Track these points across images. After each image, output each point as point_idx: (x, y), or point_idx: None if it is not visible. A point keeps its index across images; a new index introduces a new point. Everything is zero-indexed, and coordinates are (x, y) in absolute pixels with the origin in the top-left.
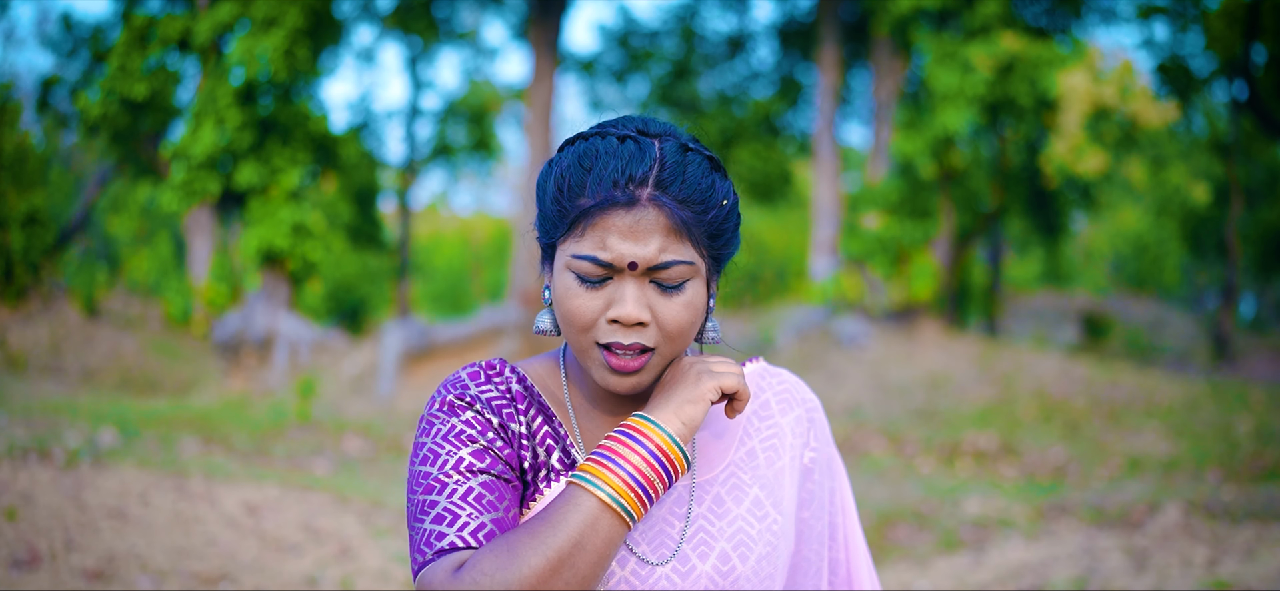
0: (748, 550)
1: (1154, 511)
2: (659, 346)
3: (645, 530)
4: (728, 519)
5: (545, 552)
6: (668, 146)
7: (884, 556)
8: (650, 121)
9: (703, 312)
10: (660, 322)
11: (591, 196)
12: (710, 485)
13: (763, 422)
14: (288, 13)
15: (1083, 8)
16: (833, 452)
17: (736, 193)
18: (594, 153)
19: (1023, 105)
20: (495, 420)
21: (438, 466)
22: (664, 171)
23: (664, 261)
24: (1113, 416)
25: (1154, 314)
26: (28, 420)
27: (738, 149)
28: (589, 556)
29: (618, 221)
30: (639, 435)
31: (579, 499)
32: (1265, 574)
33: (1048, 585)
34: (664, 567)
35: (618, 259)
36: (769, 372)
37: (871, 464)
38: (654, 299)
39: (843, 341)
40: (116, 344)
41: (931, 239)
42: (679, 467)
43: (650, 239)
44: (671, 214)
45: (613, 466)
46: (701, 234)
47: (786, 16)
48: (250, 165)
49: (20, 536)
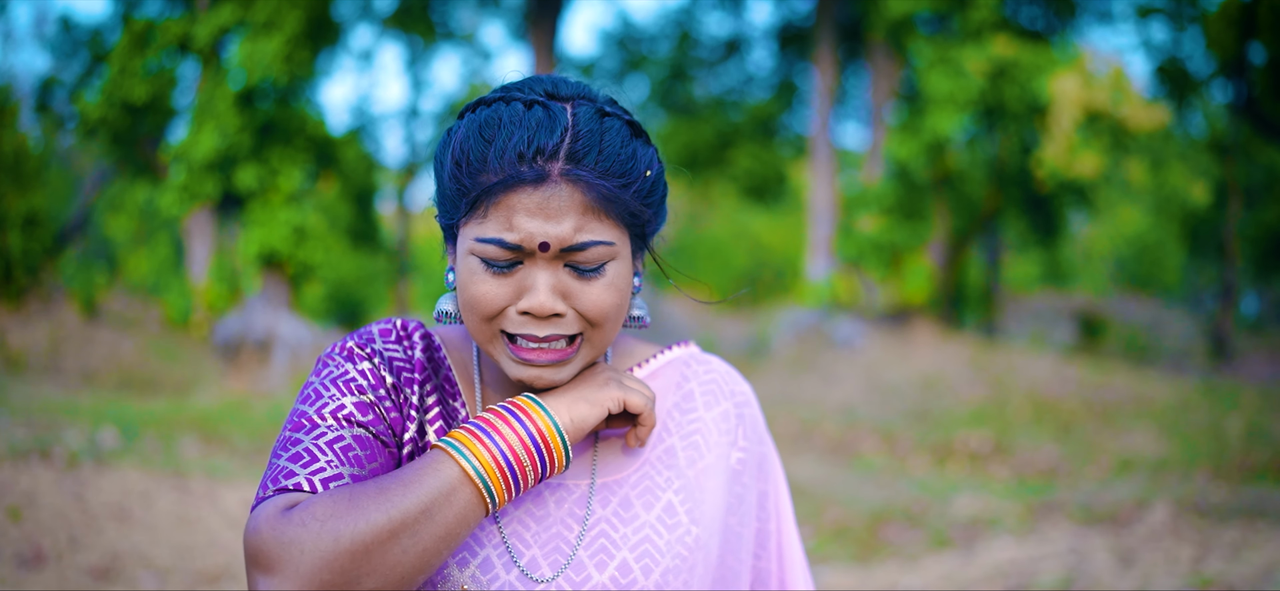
0: (653, 563)
1: (1142, 511)
2: (585, 334)
3: (538, 535)
4: (634, 526)
5: (387, 511)
6: (581, 111)
7: (874, 554)
8: (561, 83)
9: (627, 292)
10: (581, 310)
11: (494, 172)
12: (619, 486)
13: (685, 417)
14: (287, 17)
15: (1079, 10)
16: (766, 451)
17: (661, 159)
18: (496, 121)
19: (1014, 110)
20: (390, 379)
21: (315, 407)
22: (577, 142)
23: (580, 242)
24: (1105, 417)
25: (1154, 314)
26: (28, 421)
27: (734, 150)
28: (436, 528)
29: (525, 199)
30: (521, 414)
31: (440, 464)
32: (1250, 572)
33: (1034, 583)
34: (556, 579)
35: (526, 239)
36: (697, 360)
37: (864, 464)
38: (570, 284)
39: (837, 342)
40: (116, 345)
41: (926, 241)
42: (557, 460)
43: (563, 217)
44: (587, 189)
45: (484, 439)
46: (622, 209)
47: (784, 20)
48: (250, 168)
49: (25, 535)
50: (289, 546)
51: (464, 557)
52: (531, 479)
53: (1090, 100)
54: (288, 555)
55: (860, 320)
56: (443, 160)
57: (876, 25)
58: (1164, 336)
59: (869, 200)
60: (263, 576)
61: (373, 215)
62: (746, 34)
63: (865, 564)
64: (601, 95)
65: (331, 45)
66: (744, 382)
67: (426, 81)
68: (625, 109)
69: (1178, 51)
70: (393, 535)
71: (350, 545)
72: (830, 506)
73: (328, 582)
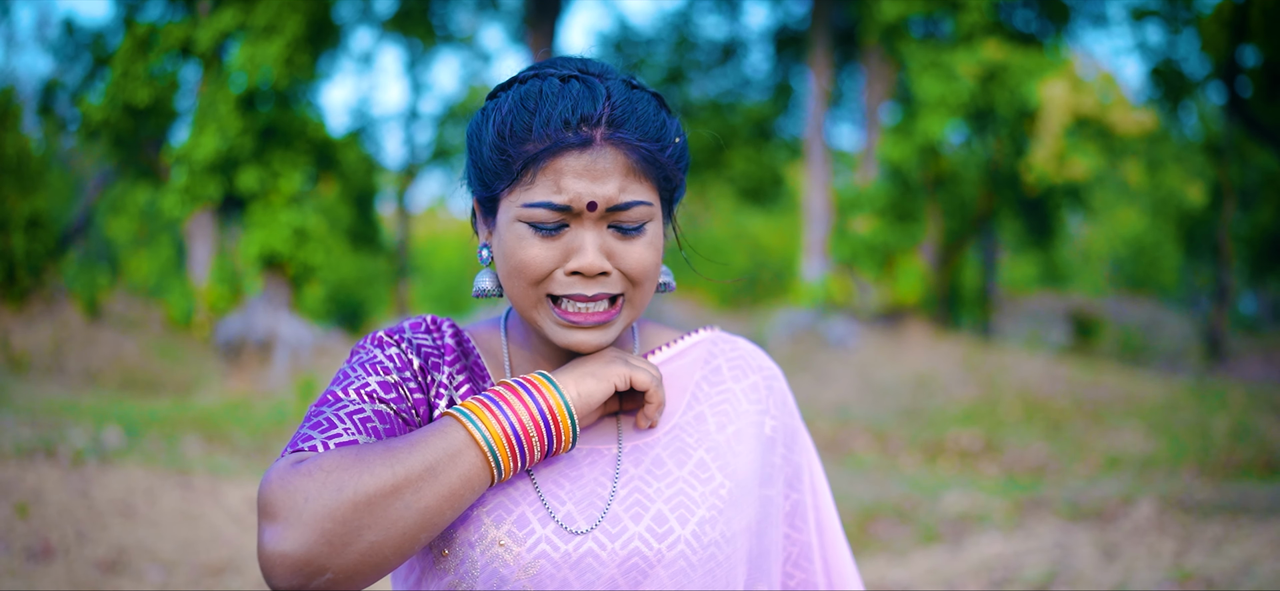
0: (688, 512)
1: (1128, 507)
2: (626, 294)
3: (572, 493)
4: (667, 481)
5: (392, 467)
6: (614, 84)
7: (865, 549)
8: (588, 61)
9: (661, 254)
10: (624, 269)
11: (541, 139)
12: (649, 448)
13: (713, 388)
14: (288, 21)
15: (1073, 13)
16: (796, 425)
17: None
18: (537, 94)
19: (1004, 114)
20: (417, 362)
21: (341, 385)
22: (616, 109)
23: (624, 202)
24: (1094, 416)
25: (1151, 315)
26: (33, 420)
27: (730, 153)
28: (439, 488)
29: (572, 163)
30: (532, 389)
31: (449, 428)
32: (1229, 566)
33: (1019, 576)
34: (592, 531)
35: (575, 199)
36: (722, 340)
37: (856, 462)
38: (613, 244)
39: (831, 342)
40: (118, 345)
41: (918, 242)
42: (565, 436)
43: (609, 178)
44: (629, 151)
45: (494, 409)
46: (659, 171)
47: (780, 23)
48: (251, 170)
49: (33, 531)
50: (294, 494)
51: (500, 515)
52: (537, 452)
53: (1079, 105)
54: (293, 503)
55: (854, 320)
56: (480, 134)
57: (870, 29)
58: (1160, 337)
59: (862, 202)
60: (268, 525)
61: (373, 217)
62: (743, 37)
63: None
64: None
65: (332, 48)
66: (771, 361)
67: (426, 84)
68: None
69: (1173, 54)
70: (396, 490)
71: (352, 496)
72: None
73: (330, 532)
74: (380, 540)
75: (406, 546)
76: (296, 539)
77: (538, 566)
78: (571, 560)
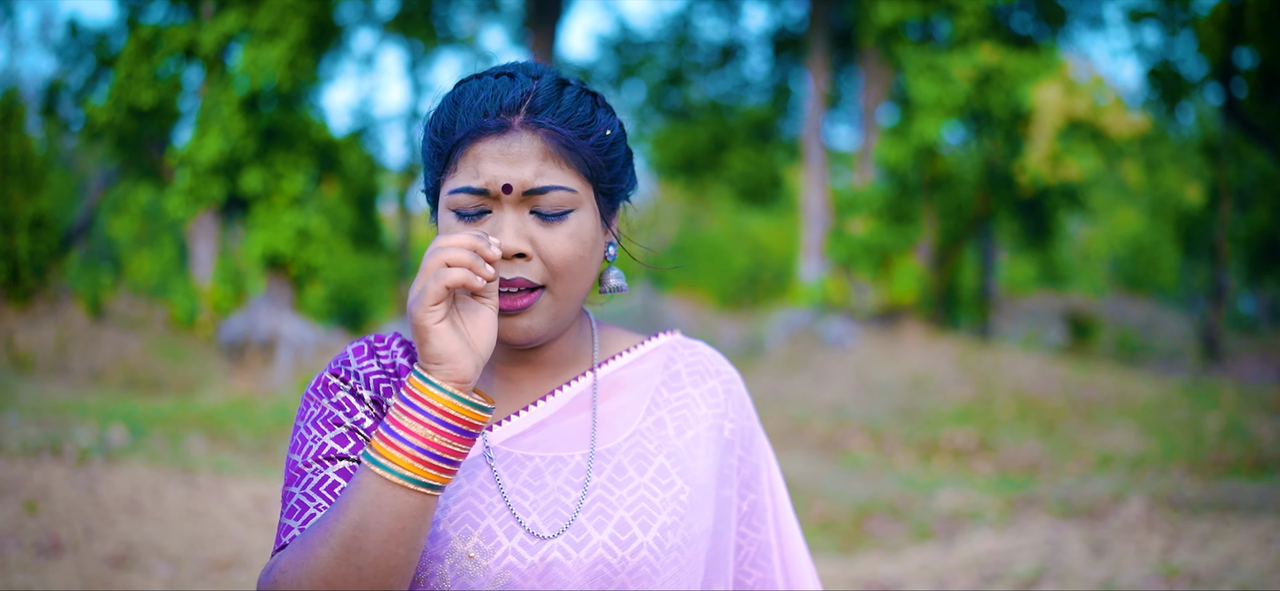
0: (650, 519)
1: (1118, 504)
2: (549, 285)
3: (537, 502)
4: (629, 488)
5: (329, 541)
6: (544, 78)
7: (858, 546)
8: (533, 65)
9: (593, 249)
10: (544, 255)
11: (462, 128)
12: (611, 454)
13: (672, 394)
14: (291, 24)
15: (1070, 15)
16: (755, 427)
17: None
18: (466, 89)
19: (999, 116)
20: (369, 394)
21: (302, 454)
22: (537, 97)
23: (541, 185)
24: (1088, 415)
25: (1149, 314)
26: (39, 419)
27: (729, 154)
28: (377, 535)
29: (489, 148)
30: (417, 400)
31: (361, 478)
32: (1215, 562)
33: (1009, 572)
34: (555, 540)
35: (490, 182)
36: (682, 345)
37: (852, 460)
38: (534, 231)
39: (828, 342)
40: (121, 345)
41: (914, 244)
42: (467, 418)
43: (525, 163)
44: (547, 136)
45: (393, 439)
46: (582, 160)
47: (778, 26)
48: (254, 171)
49: (42, 527)
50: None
51: (465, 529)
52: (456, 441)
53: (1072, 107)
54: None
55: (851, 321)
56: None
57: (867, 32)
58: (1158, 337)
59: (859, 203)
60: None
61: (374, 217)
62: (742, 40)
63: (849, 555)
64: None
65: (334, 49)
66: (730, 365)
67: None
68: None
69: (1170, 55)
70: (342, 559)
71: (310, 578)
72: (817, 500)
73: None
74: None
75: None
76: None
77: (506, 577)
78: (538, 570)
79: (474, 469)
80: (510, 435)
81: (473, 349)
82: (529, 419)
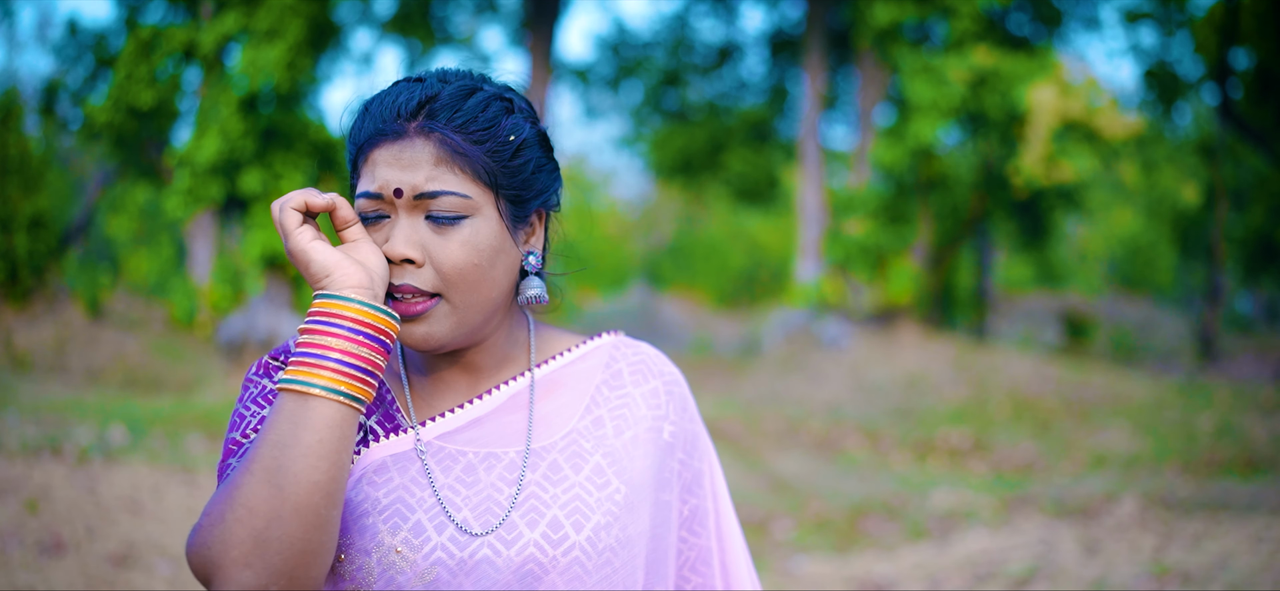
0: (583, 518)
1: (1111, 504)
2: (444, 293)
3: (469, 498)
4: (564, 486)
5: (251, 467)
6: (453, 85)
7: (853, 545)
8: (450, 72)
9: (495, 257)
10: (436, 263)
11: (365, 134)
12: (547, 452)
13: (613, 393)
14: (289, 25)
15: (1065, 16)
16: (698, 430)
17: (537, 133)
18: (375, 97)
19: (995, 118)
20: None
21: (239, 429)
22: (435, 103)
23: (431, 190)
24: (1082, 415)
25: (1146, 314)
26: (37, 419)
27: (727, 154)
28: (298, 451)
29: (384, 153)
30: (326, 317)
31: (279, 401)
32: (1207, 561)
33: (1003, 571)
34: (487, 537)
35: (383, 186)
36: (625, 345)
37: (848, 459)
38: (429, 237)
39: (825, 342)
40: (120, 344)
41: (910, 244)
42: (379, 324)
43: (417, 167)
44: (440, 142)
45: (309, 359)
46: (478, 166)
47: (775, 27)
48: (253, 172)
49: (44, 526)
50: (197, 551)
51: (395, 523)
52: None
53: (1066, 109)
54: (198, 558)
55: (847, 321)
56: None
57: (863, 34)
58: (1155, 336)
59: (856, 204)
60: (206, 585)
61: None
62: (739, 41)
63: (844, 554)
64: (496, 84)
65: (332, 49)
66: (674, 366)
67: None
68: (517, 94)
69: (1167, 56)
70: (265, 480)
71: (234, 510)
72: (813, 499)
73: (241, 556)
74: (294, 530)
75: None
76: (236, 581)
77: (434, 573)
78: (466, 567)
79: (406, 463)
80: (444, 431)
81: (361, 265)
82: (464, 415)
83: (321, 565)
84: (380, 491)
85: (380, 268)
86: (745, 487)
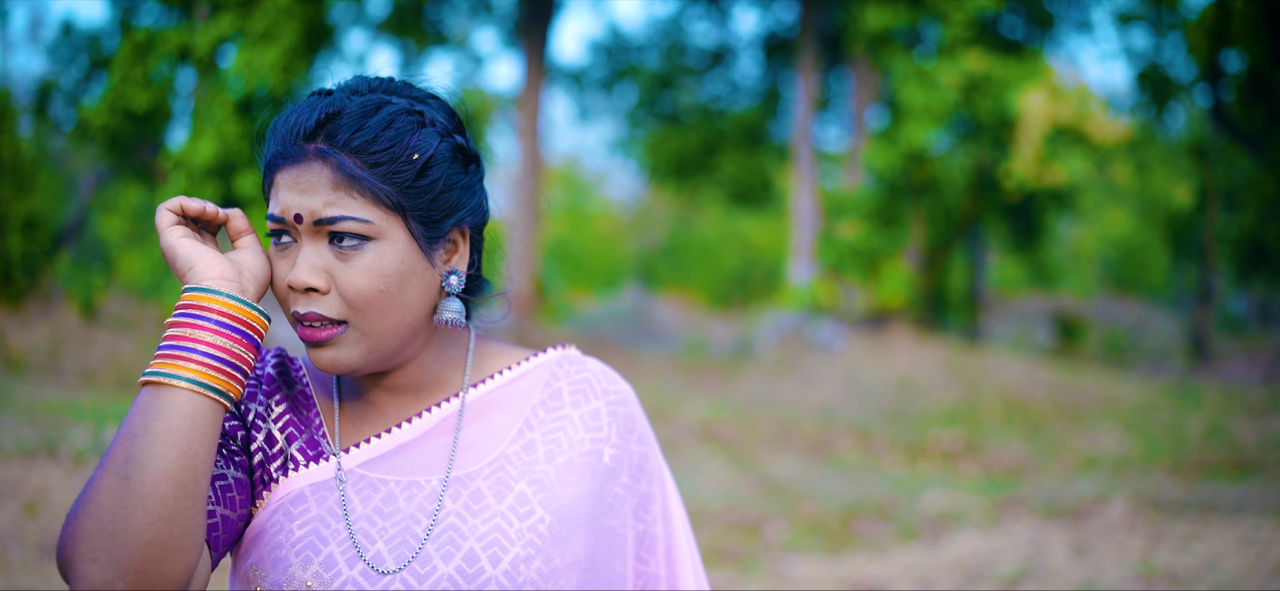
0: (501, 552)
1: (1101, 505)
2: (351, 320)
3: (386, 529)
4: (484, 516)
5: (104, 462)
6: (360, 100)
7: (845, 546)
8: (364, 80)
9: (403, 281)
10: (340, 289)
11: (269, 155)
12: (471, 479)
13: (549, 414)
14: (284, 28)
15: (1058, 20)
16: (647, 452)
17: (452, 147)
18: (280, 115)
19: (987, 122)
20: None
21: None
22: (335, 123)
23: (330, 215)
24: (1073, 416)
25: (1139, 316)
26: (32, 420)
27: (721, 157)
28: (148, 441)
29: (285, 177)
30: (198, 310)
31: (141, 396)
32: (1195, 563)
33: (993, 572)
34: (400, 572)
35: (284, 211)
36: (569, 361)
37: (840, 461)
38: (333, 263)
39: (817, 345)
40: (114, 345)
41: (903, 247)
42: (247, 318)
43: (316, 192)
44: (338, 166)
45: (177, 352)
46: (375, 189)
47: (769, 30)
48: (249, 174)
49: (43, 528)
50: (58, 549)
51: (307, 556)
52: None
53: (1057, 114)
54: (58, 556)
55: (840, 323)
56: None
57: (856, 39)
58: (1148, 337)
59: (848, 207)
60: (66, 583)
61: None
62: (733, 44)
63: (835, 555)
64: (419, 92)
65: (327, 51)
66: (623, 384)
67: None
68: (433, 105)
69: (1159, 58)
70: (116, 473)
71: (84, 505)
72: (805, 501)
73: (87, 550)
74: (147, 521)
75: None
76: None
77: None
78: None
79: (325, 493)
80: (367, 458)
81: (229, 260)
82: (390, 441)
83: (176, 562)
84: (295, 522)
85: (254, 266)
86: (738, 489)
